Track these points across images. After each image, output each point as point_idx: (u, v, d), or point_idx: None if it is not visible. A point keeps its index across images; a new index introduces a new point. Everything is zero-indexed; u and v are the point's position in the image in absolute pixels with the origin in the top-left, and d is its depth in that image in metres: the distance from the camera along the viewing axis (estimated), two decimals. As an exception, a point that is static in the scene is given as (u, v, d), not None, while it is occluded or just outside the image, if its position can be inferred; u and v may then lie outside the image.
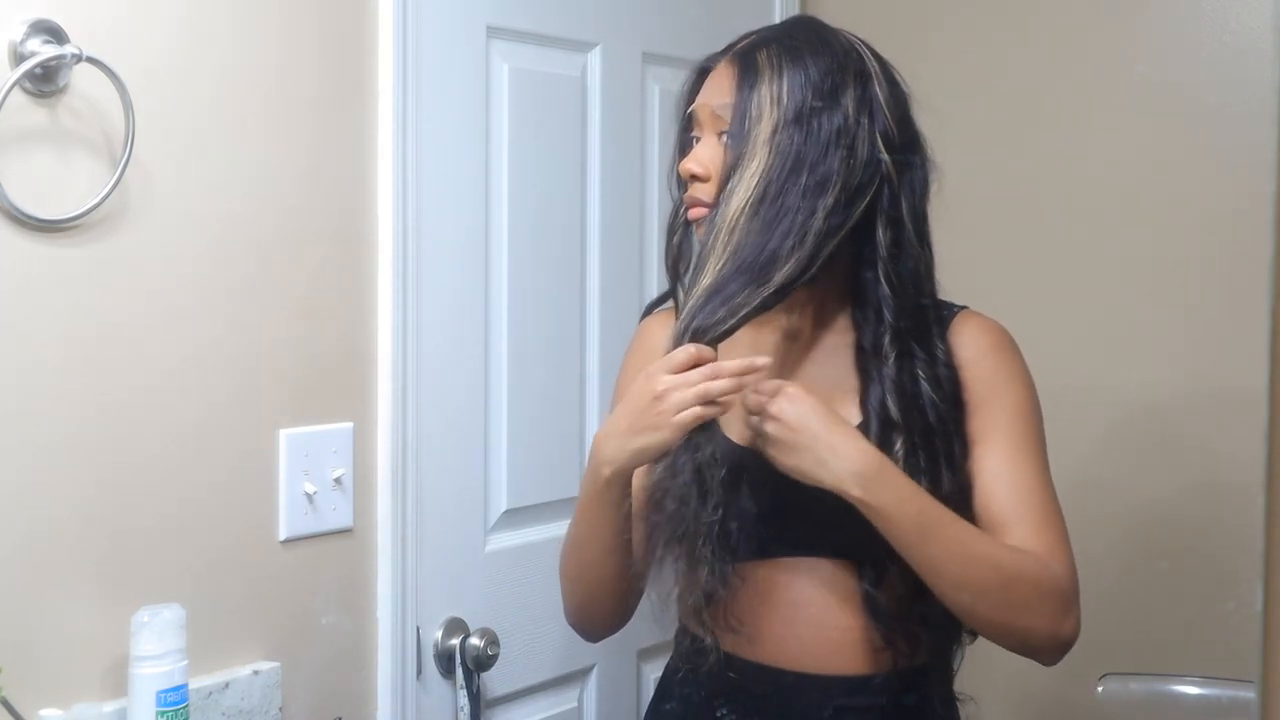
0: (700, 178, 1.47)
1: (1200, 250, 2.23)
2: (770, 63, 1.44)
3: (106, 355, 1.50)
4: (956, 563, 1.39)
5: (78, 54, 1.41)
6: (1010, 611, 1.41)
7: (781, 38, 1.47)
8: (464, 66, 1.91)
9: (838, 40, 1.48)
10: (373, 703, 1.82)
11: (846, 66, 1.44)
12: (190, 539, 1.59)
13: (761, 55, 1.45)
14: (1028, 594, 1.41)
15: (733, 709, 1.52)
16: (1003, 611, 1.41)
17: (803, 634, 1.48)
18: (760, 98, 1.43)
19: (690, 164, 1.48)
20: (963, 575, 1.39)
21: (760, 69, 1.44)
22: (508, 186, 1.97)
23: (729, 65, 1.47)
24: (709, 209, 1.46)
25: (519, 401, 2.00)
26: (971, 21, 2.44)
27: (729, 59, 1.48)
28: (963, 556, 1.39)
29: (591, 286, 2.13)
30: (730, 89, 1.45)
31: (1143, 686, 2.13)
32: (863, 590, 1.47)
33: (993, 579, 1.40)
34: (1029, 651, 1.45)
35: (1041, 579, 1.41)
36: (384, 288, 1.80)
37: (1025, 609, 1.41)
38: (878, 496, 1.37)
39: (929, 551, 1.38)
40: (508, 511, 2.00)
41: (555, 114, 2.06)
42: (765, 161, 1.40)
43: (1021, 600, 1.41)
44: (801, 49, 1.45)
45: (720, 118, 1.46)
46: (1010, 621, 1.42)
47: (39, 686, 1.43)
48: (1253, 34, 2.19)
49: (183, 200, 1.57)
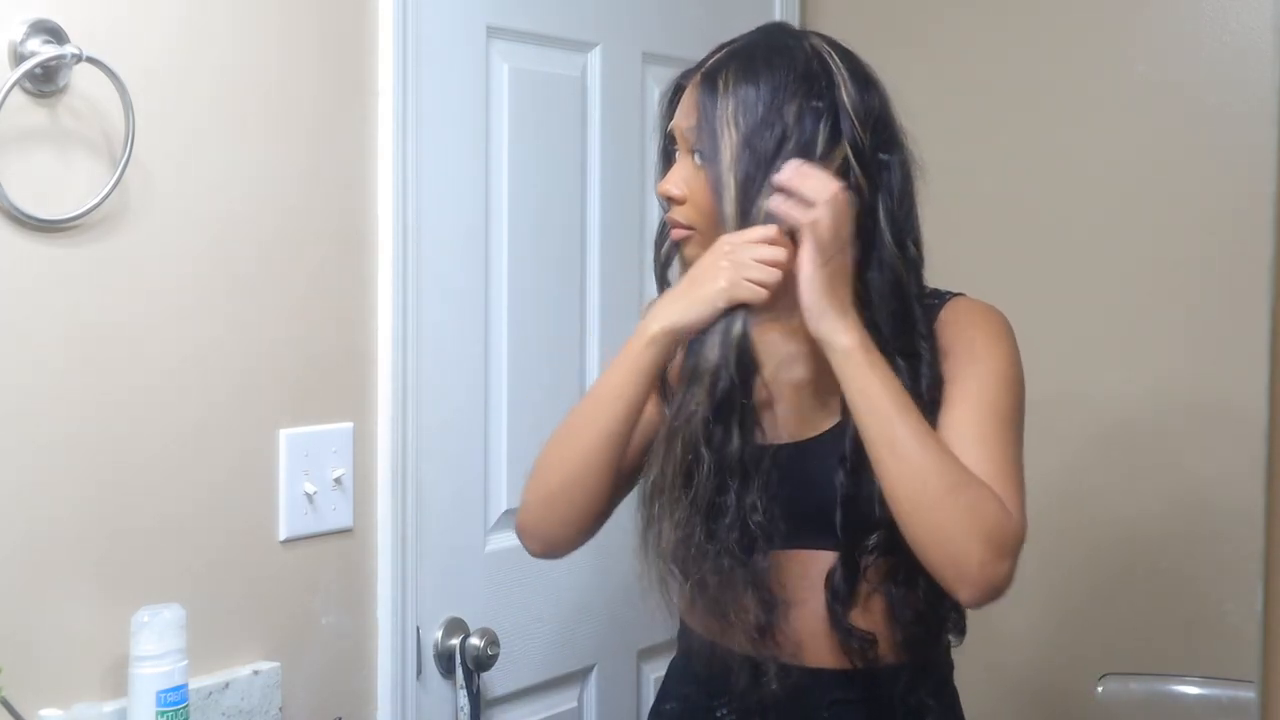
0: (676, 200, 1.49)
1: (1200, 250, 2.23)
2: (726, 85, 1.45)
3: (106, 355, 1.50)
4: (915, 448, 1.37)
5: (78, 54, 1.41)
6: (951, 522, 1.36)
7: (741, 54, 1.47)
8: (464, 66, 1.91)
9: (800, 48, 1.46)
10: (373, 703, 1.82)
11: (808, 75, 1.44)
12: (190, 539, 1.59)
13: (721, 77, 1.46)
14: (971, 509, 1.36)
15: (732, 708, 1.52)
16: (943, 517, 1.36)
17: (800, 629, 1.48)
18: (719, 123, 1.44)
19: (667, 186, 1.50)
20: (919, 463, 1.36)
21: (718, 92, 1.45)
22: (508, 186, 1.97)
23: (695, 86, 1.48)
24: (688, 230, 1.48)
25: (519, 401, 2.00)
26: (971, 21, 2.44)
27: (697, 79, 1.49)
28: (922, 444, 1.37)
29: (591, 286, 2.13)
30: (693, 110, 1.47)
31: (1143, 686, 2.13)
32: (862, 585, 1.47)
33: (945, 477, 1.36)
34: (954, 579, 1.38)
35: (988, 505, 1.37)
36: (384, 288, 1.80)
37: (966, 525, 1.36)
38: (869, 354, 1.38)
39: (895, 430, 1.37)
40: (508, 511, 2.00)
41: (555, 114, 2.06)
42: (732, 190, 1.43)
43: (965, 512, 1.36)
44: (758, 66, 1.44)
45: (689, 139, 1.48)
46: (947, 532, 1.36)
47: (39, 686, 1.43)
48: (1253, 34, 2.19)
49: (183, 200, 1.57)
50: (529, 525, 1.55)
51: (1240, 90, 2.16)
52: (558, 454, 1.51)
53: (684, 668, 1.61)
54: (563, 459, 1.50)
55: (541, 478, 1.52)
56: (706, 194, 1.46)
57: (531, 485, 1.53)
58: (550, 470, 1.51)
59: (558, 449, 1.51)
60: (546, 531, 1.55)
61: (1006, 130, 2.39)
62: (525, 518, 1.55)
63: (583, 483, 1.49)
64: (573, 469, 1.49)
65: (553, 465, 1.51)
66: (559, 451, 1.51)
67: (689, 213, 1.48)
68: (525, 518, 1.55)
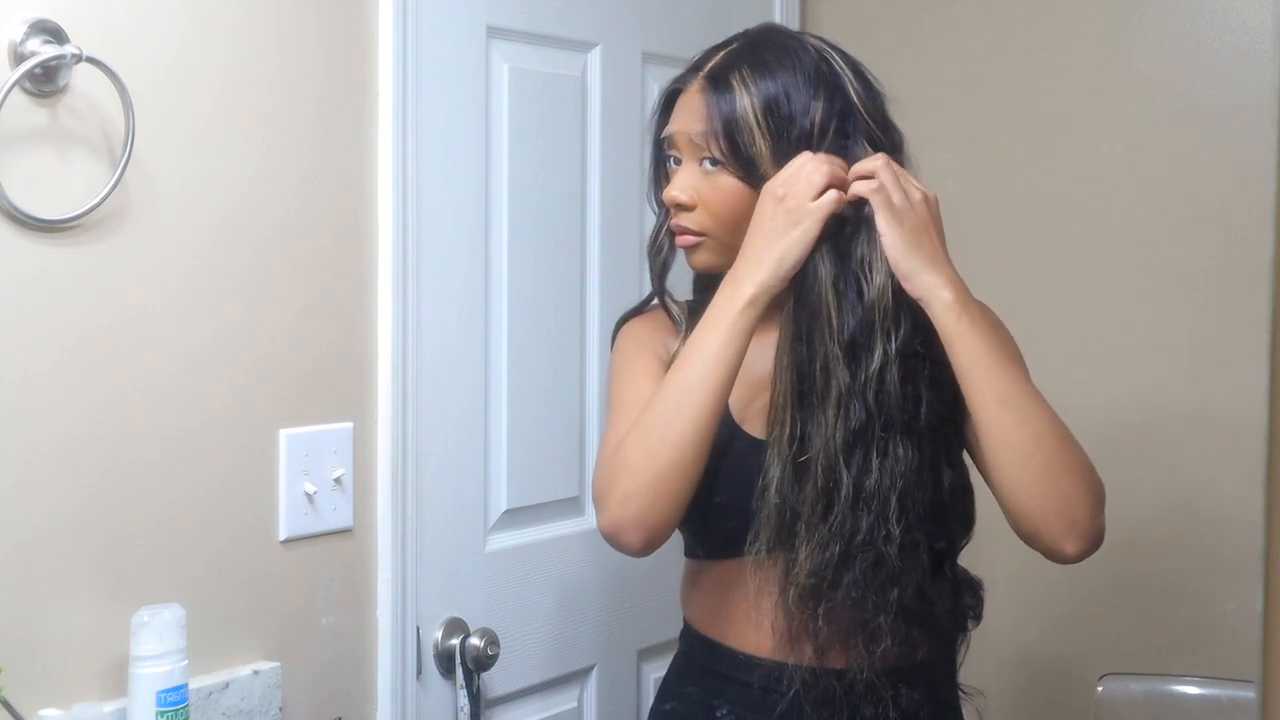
0: (685, 206, 1.49)
1: (1200, 250, 2.22)
2: (745, 84, 1.45)
3: (106, 355, 1.50)
4: (1025, 402, 1.40)
5: (78, 54, 1.41)
6: (1065, 472, 1.40)
7: (749, 56, 1.48)
8: (464, 66, 1.91)
9: (804, 48, 1.48)
10: (373, 703, 1.82)
11: (820, 72, 1.46)
12: (190, 539, 1.59)
13: (734, 77, 1.46)
14: (1079, 461, 1.42)
15: (732, 708, 1.52)
16: (1059, 469, 1.40)
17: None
18: (745, 122, 1.44)
19: (675, 192, 1.49)
20: (1031, 416, 1.40)
21: (735, 92, 1.45)
22: (508, 186, 1.97)
23: (701, 90, 1.48)
24: (699, 236, 1.48)
25: (519, 401, 2.00)
26: (970, 21, 2.44)
27: (700, 83, 1.49)
28: (1032, 398, 1.42)
29: (591, 286, 2.13)
30: (706, 115, 1.46)
31: (1143, 686, 2.13)
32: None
33: (1055, 428, 1.42)
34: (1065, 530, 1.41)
35: (1087, 459, 1.43)
36: (384, 288, 1.80)
37: (1077, 475, 1.41)
38: (968, 308, 1.40)
39: (1004, 385, 1.40)
40: (508, 511, 2.00)
41: (555, 114, 2.06)
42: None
43: (1075, 463, 1.41)
44: (771, 64, 1.46)
45: (699, 145, 1.47)
46: (1062, 484, 1.40)
47: (39, 686, 1.43)
48: (1253, 34, 2.19)
49: (183, 200, 1.57)
50: (635, 516, 1.42)
51: (1240, 90, 2.16)
52: (659, 433, 1.41)
53: (684, 667, 1.61)
54: (666, 437, 1.41)
55: (643, 462, 1.41)
56: (721, 198, 1.47)
57: (628, 474, 1.42)
58: (656, 451, 1.41)
59: (658, 428, 1.42)
60: (657, 518, 1.43)
61: (1006, 131, 2.39)
62: (629, 510, 1.42)
63: (696, 455, 1.42)
64: (681, 443, 1.41)
65: (657, 445, 1.41)
66: (660, 430, 1.42)
67: (700, 219, 1.49)
68: (629, 510, 1.42)
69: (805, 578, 1.42)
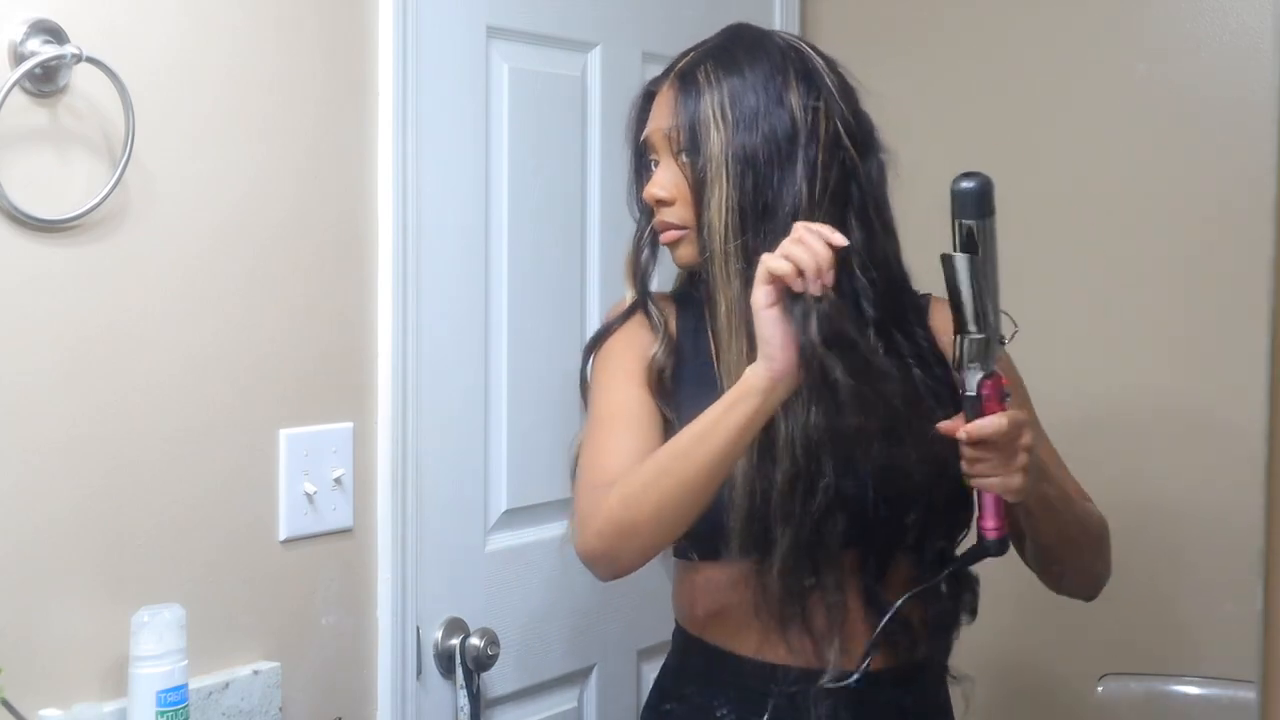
0: (666, 201, 1.51)
1: (1200, 250, 2.22)
2: (709, 79, 1.47)
3: (106, 355, 1.50)
4: (1076, 527, 1.52)
5: (78, 54, 1.41)
6: (1100, 561, 1.59)
7: (717, 52, 1.50)
8: (464, 66, 1.91)
9: (774, 43, 1.50)
10: (373, 703, 1.82)
11: (788, 66, 1.47)
12: (190, 539, 1.59)
13: (700, 73, 1.48)
14: (1104, 541, 1.59)
15: (732, 708, 1.52)
16: (1097, 562, 1.59)
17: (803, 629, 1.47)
18: (705, 115, 1.46)
19: (654, 189, 1.51)
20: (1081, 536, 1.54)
21: (700, 86, 1.47)
22: (508, 187, 1.97)
23: (671, 87, 1.50)
24: (681, 230, 1.49)
25: (519, 402, 2.00)
26: (970, 22, 2.44)
27: (670, 81, 1.51)
28: (1080, 519, 1.54)
29: (591, 286, 2.12)
30: (674, 111, 1.48)
31: (1143, 686, 2.13)
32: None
33: (1094, 533, 1.57)
34: (1090, 593, 1.62)
35: (1103, 525, 1.59)
36: (384, 288, 1.80)
37: (1105, 555, 1.59)
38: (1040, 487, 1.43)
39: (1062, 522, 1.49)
40: (508, 511, 2.00)
41: (555, 114, 2.06)
42: (727, 179, 1.44)
43: (1104, 548, 1.59)
44: (739, 59, 1.48)
45: (672, 139, 1.49)
46: (1098, 568, 1.59)
47: (39, 686, 1.43)
48: (1253, 34, 2.19)
49: (183, 200, 1.57)
50: (607, 555, 1.46)
51: (1240, 90, 2.16)
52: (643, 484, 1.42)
53: (679, 668, 1.61)
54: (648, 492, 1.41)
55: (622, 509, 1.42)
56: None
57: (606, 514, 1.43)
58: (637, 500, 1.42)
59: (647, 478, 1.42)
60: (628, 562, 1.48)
61: (1006, 130, 2.39)
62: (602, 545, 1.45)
63: (675, 517, 1.42)
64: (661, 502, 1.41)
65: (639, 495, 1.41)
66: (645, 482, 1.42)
67: (680, 212, 1.50)
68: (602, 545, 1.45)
69: (781, 578, 1.43)
